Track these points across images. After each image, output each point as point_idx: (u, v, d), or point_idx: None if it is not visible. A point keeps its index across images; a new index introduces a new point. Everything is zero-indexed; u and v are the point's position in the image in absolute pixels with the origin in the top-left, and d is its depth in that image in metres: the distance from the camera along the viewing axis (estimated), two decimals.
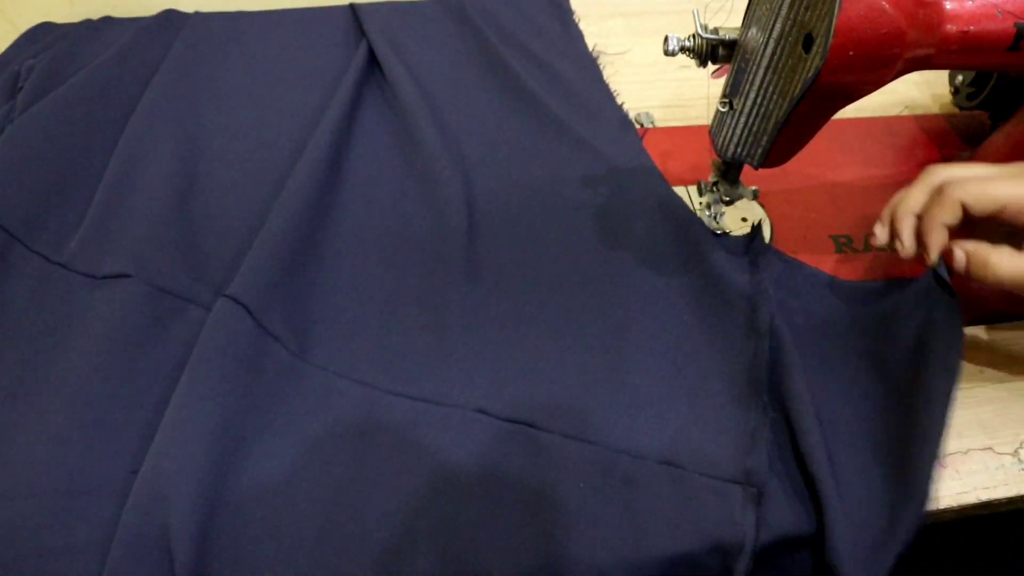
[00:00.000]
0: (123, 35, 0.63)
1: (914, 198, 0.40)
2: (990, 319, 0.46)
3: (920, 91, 0.61)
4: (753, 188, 0.47)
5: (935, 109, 0.60)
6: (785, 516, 0.36)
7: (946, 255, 0.39)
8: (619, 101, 0.59)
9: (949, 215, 0.37)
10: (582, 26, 0.65)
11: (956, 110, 0.57)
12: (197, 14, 0.66)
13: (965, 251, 0.38)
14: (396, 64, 0.59)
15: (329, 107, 0.55)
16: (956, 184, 0.37)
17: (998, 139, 0.48)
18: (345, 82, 0.57)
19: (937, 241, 0.38)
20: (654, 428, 0.39)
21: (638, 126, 0.57)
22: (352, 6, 0.66)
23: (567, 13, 0.67)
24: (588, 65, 0.62)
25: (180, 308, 0.44)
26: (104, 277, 0.45)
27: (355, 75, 0.58)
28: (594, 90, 0.60)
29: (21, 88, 0.58)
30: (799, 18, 0.36)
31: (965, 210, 0.37)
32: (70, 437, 0.38)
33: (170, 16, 0.65)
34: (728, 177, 0.47)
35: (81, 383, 0.40)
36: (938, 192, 0.38)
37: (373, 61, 0.61)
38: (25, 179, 0.50)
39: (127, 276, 0.44)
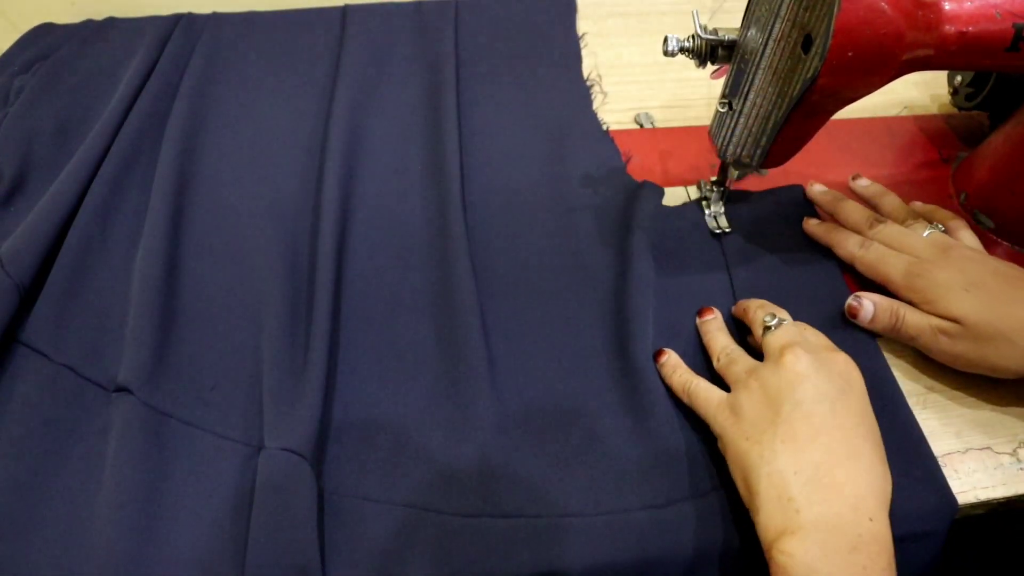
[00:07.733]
0: (125, 36, 0.62)
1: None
2: None
3: (919, 91, 0.61)
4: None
5: (934, 109, 0.60)
6: None
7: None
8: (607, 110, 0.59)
9: None
10: (581, 26, 0.65)
11: (955, 110, 0.57)
12: (180, 29, 0.63)
13: (875, 303, 0.42)
14: (386, 70, 0.59)
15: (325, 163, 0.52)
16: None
17: (997, 139, 0.49)
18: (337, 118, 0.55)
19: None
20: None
21: (638, 126, 0.58)
22: (345, 8, 0.65)
23: (571, 17, 0.66)
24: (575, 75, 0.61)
25: (103, 397, 0.41)
26: (58, 363, 0.42)
27: (348, 92, 0.57)
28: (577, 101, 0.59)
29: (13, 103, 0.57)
30: (798, 19, 0.36)
31: None
32: None
33: (172, 22, 0.64)
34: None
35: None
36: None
37: (363, 66, 0.60)
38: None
39: (70, 368, 0.42)
